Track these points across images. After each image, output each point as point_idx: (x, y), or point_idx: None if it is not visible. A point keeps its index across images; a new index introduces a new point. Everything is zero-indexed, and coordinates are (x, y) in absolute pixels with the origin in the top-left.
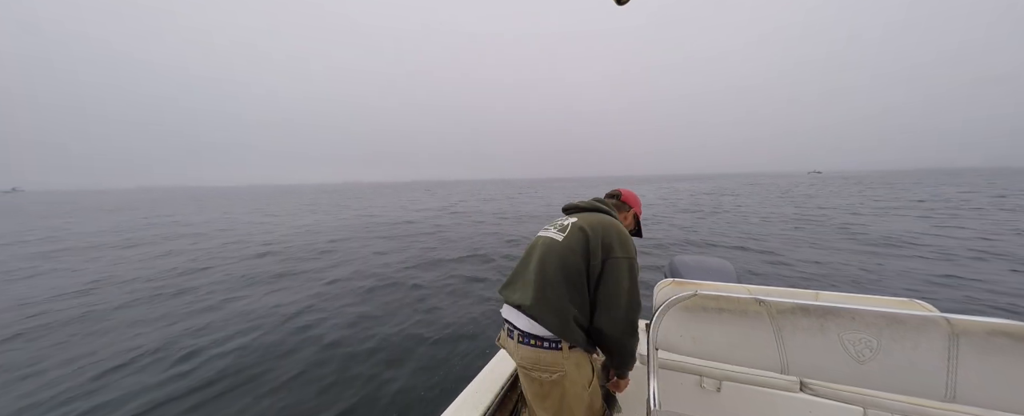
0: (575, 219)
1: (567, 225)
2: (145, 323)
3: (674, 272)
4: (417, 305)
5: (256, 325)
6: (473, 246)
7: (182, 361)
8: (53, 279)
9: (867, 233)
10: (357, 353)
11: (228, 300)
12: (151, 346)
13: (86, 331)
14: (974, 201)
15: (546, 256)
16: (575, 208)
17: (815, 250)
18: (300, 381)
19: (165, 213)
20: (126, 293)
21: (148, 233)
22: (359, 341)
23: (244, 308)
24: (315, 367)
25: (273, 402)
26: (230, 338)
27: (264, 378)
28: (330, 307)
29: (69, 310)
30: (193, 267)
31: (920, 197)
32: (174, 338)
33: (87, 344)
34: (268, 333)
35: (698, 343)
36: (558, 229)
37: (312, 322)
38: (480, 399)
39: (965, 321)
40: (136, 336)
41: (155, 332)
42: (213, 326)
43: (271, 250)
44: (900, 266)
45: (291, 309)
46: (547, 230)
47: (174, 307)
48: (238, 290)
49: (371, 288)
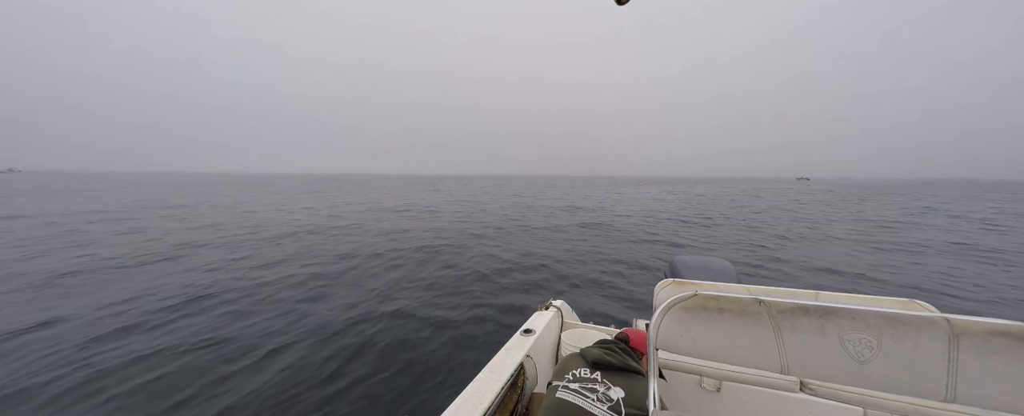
0: (623, 394)
1: (616, 403)
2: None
3: (674, 272)
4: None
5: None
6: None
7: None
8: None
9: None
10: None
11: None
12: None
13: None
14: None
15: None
16: (607, 366)
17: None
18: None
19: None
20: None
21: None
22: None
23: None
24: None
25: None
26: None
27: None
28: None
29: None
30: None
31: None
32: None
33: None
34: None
35: (698, 343)
36: (607, 407)
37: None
38: (480, 399)
39: (965, 321)
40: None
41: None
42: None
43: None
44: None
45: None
46: (587, 400)
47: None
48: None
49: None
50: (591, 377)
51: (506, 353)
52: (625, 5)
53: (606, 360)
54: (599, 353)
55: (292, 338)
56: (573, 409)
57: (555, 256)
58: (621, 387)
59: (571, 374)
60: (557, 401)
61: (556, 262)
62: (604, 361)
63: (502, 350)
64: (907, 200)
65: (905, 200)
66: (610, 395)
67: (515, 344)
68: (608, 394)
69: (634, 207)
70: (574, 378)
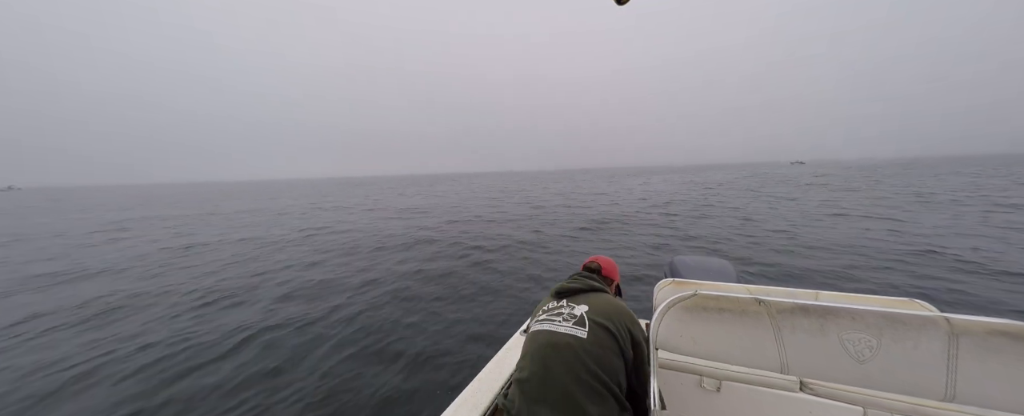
0: (586, 308)
1: (580, 316)
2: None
3: (674, 272)
4: None
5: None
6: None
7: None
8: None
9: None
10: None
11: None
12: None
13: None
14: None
15: (578, 358)
16: (570, 292)
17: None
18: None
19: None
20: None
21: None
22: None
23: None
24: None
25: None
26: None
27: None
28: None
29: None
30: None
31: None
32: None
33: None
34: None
35: (698, 343)
36: (573, 322)
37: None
38: (480, 399)
39: (965, 321)
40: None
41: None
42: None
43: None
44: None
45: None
46: (554, 322)
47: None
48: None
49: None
50: (558, 305)
51: (506, 352)
52: (625, 5)
53: (568, 287)
54: (563, 283)
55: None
56: (543, 336)
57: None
58: (585, 304)
59: (541, 310)
60: (530, 336)
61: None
62: (567, 288)
63: (502, 349)
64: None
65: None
66: (574, 312)
67: (515, 344)
68: (573, 312)
69: (658, 199)
70: (544, 312)
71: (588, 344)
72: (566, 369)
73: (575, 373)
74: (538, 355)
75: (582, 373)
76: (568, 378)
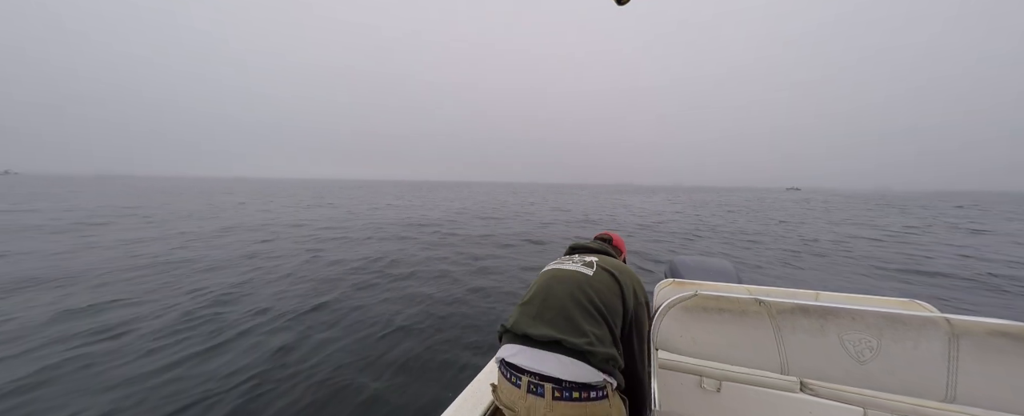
0: (596, 259)
1: (591, 263)
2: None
3: (674, 272)
4: None
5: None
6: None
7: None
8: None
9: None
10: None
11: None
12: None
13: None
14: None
15: (581, 287)
16: (585, 248)
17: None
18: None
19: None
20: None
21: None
22: None
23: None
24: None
25: None
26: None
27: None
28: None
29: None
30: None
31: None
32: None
33: None
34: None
35: (698, 343)
36: (583, 264)
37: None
38: (480, 399)
39: (965, 321)
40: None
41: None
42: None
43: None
44: None
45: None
46: (565, 263)
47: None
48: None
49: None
50: (568, 257)
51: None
52: (625, 5)
53: (582, 245)
54: (576, 243)
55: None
56: (550, 271)
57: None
58: (596, 257)
59: (552, 263)
60: (539, 274)
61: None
62: (580, 246)
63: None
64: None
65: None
66: (585, 259)
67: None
68: (584, 259)
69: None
70: (555, 261)
71: (593, 280)
72: (567, 293)
73: (575, 297)
74: (543, 283)
75: (582, 298)
76: (568, 300)
